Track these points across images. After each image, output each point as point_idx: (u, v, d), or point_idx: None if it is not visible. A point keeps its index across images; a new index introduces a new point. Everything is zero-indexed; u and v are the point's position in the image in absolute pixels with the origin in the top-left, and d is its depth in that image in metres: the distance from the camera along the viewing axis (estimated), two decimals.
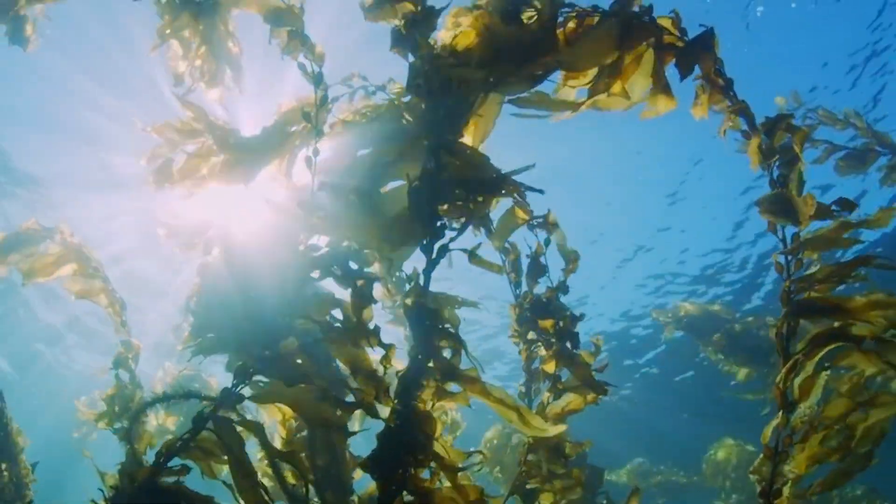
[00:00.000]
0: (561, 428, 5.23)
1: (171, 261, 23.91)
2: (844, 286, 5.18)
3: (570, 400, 5.76)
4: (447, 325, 4.85)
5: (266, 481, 5.36)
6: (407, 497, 4.60)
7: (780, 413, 5.07)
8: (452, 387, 4.86)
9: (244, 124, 6.29)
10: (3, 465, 8.01)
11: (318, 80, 5.69)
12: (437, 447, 4.69)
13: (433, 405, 4.79)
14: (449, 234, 4.94)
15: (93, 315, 31.77)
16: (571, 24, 5.56)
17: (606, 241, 28.39)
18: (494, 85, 5.54)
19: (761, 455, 5.32)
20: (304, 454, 6.48)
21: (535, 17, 5.49)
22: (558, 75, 5.97)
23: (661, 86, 5.48)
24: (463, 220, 4.92)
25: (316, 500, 6.67)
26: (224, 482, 4.70)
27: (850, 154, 10.89)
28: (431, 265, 4.84)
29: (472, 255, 4.89)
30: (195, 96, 6.99)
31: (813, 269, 5.31)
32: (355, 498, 5.65)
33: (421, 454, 4.64)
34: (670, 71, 5.40)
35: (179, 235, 7.57)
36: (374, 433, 4.69)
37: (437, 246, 4.81)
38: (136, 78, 19.69)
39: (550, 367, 5.80)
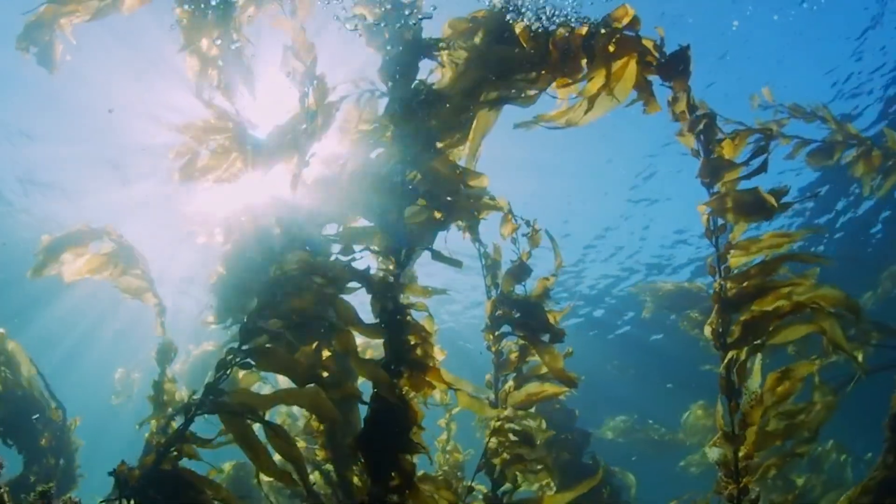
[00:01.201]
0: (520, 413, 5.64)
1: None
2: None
3: (533, 390, 6.03)
4: (417, 321, 5.21)
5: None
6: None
7: (729, 400, 5.44)
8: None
9: (258, 123, 6.53)
10: (61, 461, 8.50)
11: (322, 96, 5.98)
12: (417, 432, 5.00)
13: (411, 394, 5.10)
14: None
15: None
16: (562, 30, 5.86)
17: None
18: (489, 103, 5.91)
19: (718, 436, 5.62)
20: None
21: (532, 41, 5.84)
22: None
23: (647, 92, 5.84)
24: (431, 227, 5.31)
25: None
26: None
27: (818, 147, 11.02)
28: (401, 267, 5.16)
29: (435, 254, 5.31)
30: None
31: (741, 268, 5.68)
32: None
33: (404, 437, 4.94)
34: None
35: (202, 225, 7.90)
36: None
37: (403, 252, 5.15)
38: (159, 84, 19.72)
39: (517, 360, 6.12)
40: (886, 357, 10.49)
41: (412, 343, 5.21)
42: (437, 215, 5.37)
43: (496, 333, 6.26)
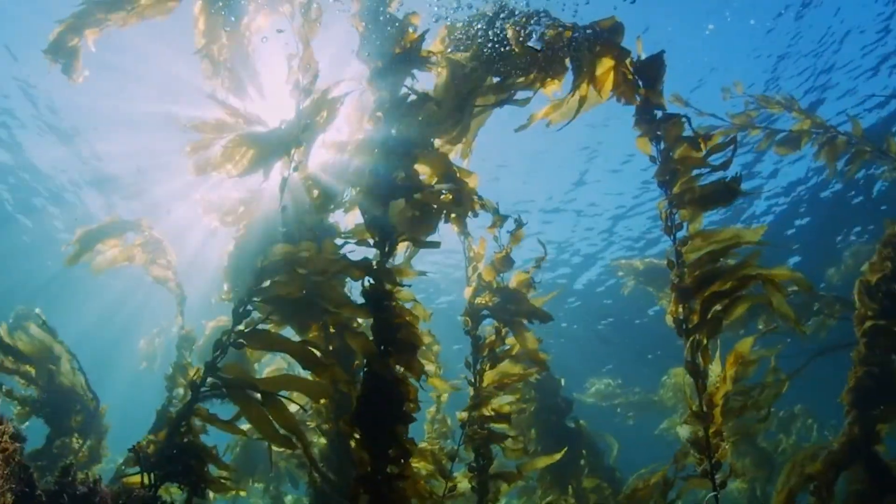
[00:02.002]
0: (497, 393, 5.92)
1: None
2: None
3: (505, 370, 6.31)
4: (402, 304, 5.41)
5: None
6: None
7: (695, 381, 5.60)
8: None
9: (266, 119, 6.67)
10: (88, 441, 8.82)
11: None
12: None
13: (402, 372, 5.27)
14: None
15: None
16: (551, 33, 6.09)
17: None
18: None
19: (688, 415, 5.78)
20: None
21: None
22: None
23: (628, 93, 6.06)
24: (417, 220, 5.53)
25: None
26: None
27: (785, 137, 11.14)
28: (384, 258, 5.36)
29: (416, 241, 5.59)
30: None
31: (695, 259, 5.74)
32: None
33: (398, 410, 5.11)
34: None
35: (217, 212, 8.10)
36: None
37: (387, 244, 5.38)
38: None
39: (493, 342, 6.31)
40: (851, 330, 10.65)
41: (398, 323, 5.33)
42: (417, 213, 5.54)
43: (475, 317, 6.39)
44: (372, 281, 5.38)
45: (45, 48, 7.07)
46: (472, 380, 6.28)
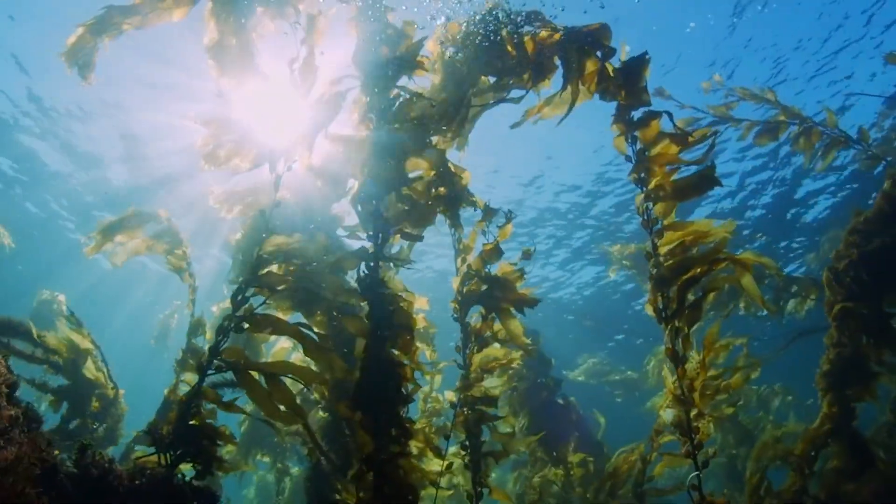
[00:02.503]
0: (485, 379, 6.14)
1: None
2: None
3: (491, 353, 6.48)
4: (396, 292, 5.60)
5: None
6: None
7: (676, 367, 5.78)
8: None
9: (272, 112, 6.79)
10: (104, 425, 9.08)
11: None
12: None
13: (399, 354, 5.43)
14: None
15: None
16: (544, 34, 6.24)
17: None
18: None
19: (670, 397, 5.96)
20: None
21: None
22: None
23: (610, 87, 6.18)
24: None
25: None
26: None
27: (764, 128, 11.21)
28: (379, 249, 5.55)
29: (405, 235, 5.81)
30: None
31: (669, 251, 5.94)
32: None
33: (398, 393, 5.30)
34: None
35: (225, 202, 8.27)
36: None
37: (380, 236, 5.56)
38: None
39: (481, 328, 6.46)
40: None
41: (392, 308, 5.51)
42: (407, 207, 5.76)
43: (464, 304, 6.53)
44: (366, 270, 5.55)
45: (63, 52, 7.18)
46: (462, 363, 6.43)
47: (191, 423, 5.25)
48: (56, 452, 4.52)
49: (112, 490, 4.70)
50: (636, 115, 6.04)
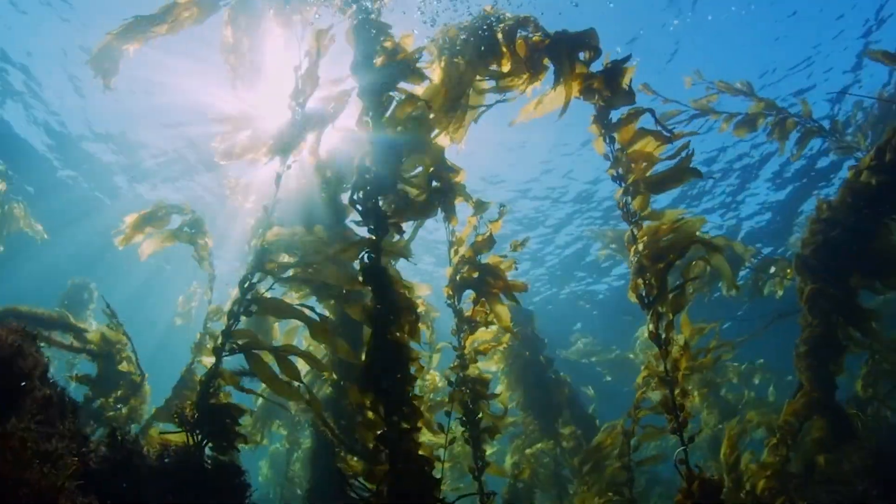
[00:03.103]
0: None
1: None
2: None
3: (481, 336, 6.75)
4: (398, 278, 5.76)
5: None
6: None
7: (660, 349, 5.91)
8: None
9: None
10: (133, 403, 9.42)
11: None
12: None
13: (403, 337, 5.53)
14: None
15: None
16: (536, 38, 6.45)
17: None
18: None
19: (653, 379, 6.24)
20: None
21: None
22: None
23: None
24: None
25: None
26: None
27: (742, 119, 11.35)
28: (379, 239, 5.70)
29: (396, 227, 5.93)
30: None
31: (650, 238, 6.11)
32: None
33: (405, 373, 5.40)
34: None
35: (241, 192, 8.52)
36: None
37: (380, 229, 5.71)
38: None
39: (472, 312, 6.70)
40: None
41: (395, 294, 5.62)
42: (400, 203, 5.96)
43: (457, 290, 6.77)
44: (368, 260, 5.70)
45: (90, 59, 7.47)
46: (458, 345, 6.65)
47: (212, 402, 5.46)
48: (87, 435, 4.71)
49: (140, 470, 4.86)
50: (616, 115, 6.25)
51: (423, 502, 5.02)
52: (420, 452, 5.22)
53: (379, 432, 5.23)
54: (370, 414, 5.34)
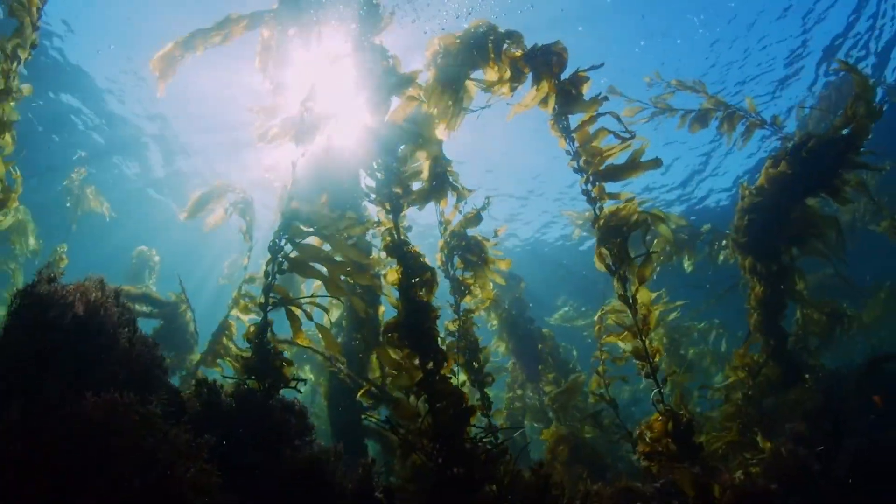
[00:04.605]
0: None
1: None
2: None
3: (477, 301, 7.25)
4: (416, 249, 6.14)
5: None
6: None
7: (629, 307, 6.37)
8: None
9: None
10: (188, 358, 10.19)
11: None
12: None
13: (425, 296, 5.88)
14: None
15: None
16: (518, 52, 6.91)
17: None
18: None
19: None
20: None
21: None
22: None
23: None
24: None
25: None
26: None
27: (696, 116, 11.72)
28: (396, 218, 6.18)
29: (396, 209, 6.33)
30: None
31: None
32: None
33: (433, 326, 5.72)
34: None
35: (272, 170, 9.09)
36: None
37: (393, 202, 6.21)
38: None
39: (463, 279, 7.22)
40: None
41: (417, 262, 6.00)
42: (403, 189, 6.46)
43: (448, 256, 7.31)
44: (391, 236, 6.08)
45: (152, 60, 8.08)
46: (455, 304, 7.20)
47: (268, 348, 5.77)
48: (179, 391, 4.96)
49: (223, 413, 5.07)
50: (574, 117, 6.74)
51: (463, 428, 5.31)
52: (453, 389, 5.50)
53: (419, 379, 5.49)
54: (407, 361, 5.65)
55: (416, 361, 5.59)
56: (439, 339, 5.77)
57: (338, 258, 6.58)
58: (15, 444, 3.18)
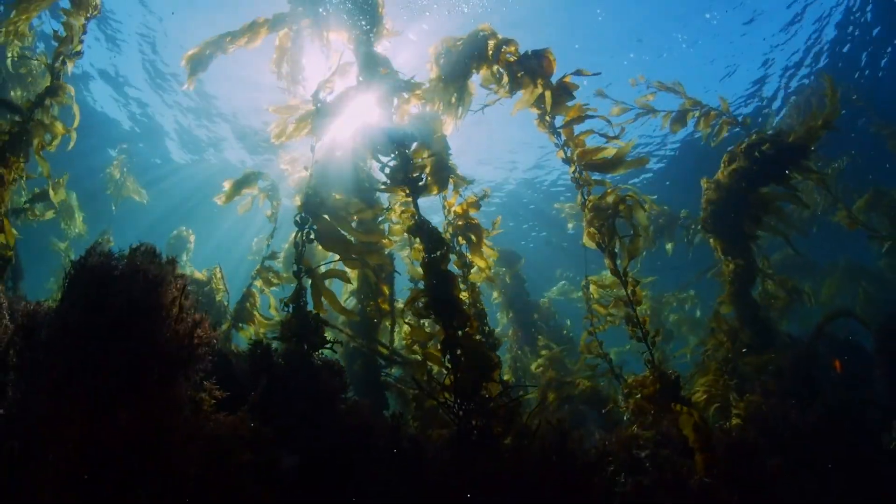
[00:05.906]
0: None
1: None
2: None
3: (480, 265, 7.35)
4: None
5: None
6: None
7: (619, 279, 6.54)
8: None
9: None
10: (218, 321, 10.41)
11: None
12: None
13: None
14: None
15: None
16: (513, 58, 7.12)
17: None
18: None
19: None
20: None
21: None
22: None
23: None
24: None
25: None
26: None
27: (675, 116, 11.79)
28: (415, 200, 6.43)
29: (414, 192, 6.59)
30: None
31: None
32: None
33: (456, 293, 5.85)
34: None
35: (292, 163, 9.47)
36: None
37: (414, 190, 6.44)
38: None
39: (464, 256, 7.46)
40: None
41: (439, 238, 6.16)
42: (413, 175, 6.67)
43: (452, 238, 7.52)
44: (414, 218, 6.32)
45: (184, 58, 8.37)
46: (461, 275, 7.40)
47: (308, 311, 5.96)
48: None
49: (274, 370, 5.25)
50: (561, 116, 6.96)
51: (485, 383, 5.44)
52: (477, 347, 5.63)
53: (444, 339, 5.64)
54: (436, 323, 5.81)
55: (440, 325, 5.72)
56: (460, 302, 5.87)
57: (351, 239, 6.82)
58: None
